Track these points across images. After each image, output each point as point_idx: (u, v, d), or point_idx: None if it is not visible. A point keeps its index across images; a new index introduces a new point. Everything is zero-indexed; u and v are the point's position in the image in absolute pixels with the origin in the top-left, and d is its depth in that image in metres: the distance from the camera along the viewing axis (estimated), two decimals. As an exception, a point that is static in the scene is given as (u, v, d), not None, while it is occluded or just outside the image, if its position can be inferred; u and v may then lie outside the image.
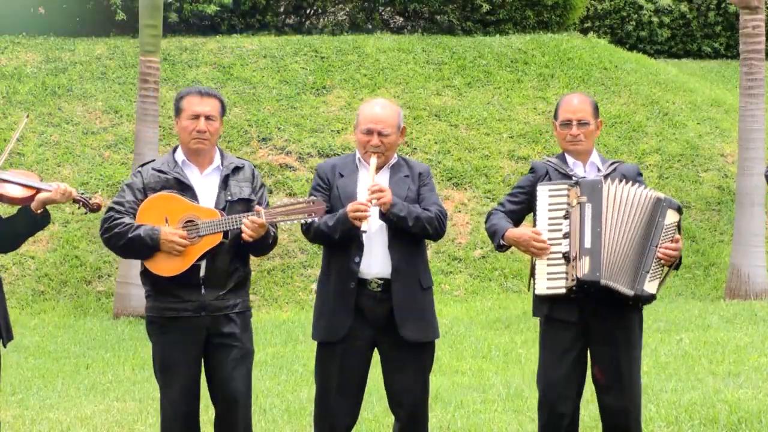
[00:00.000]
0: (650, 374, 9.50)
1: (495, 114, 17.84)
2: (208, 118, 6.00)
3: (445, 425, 7.70)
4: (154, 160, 6.19)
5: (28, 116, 6.95)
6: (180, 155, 6.10)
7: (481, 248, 15.42)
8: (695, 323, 12.57)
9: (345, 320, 6.19)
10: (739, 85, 15.70)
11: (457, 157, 16.89)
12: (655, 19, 24.74)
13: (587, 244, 5.89)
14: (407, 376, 6.32)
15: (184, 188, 5.98)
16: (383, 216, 6.12)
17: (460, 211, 15.91)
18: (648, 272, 5.89)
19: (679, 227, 6.01)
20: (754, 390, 8.68)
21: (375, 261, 6.20)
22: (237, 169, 6.13)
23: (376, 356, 6.30)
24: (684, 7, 24.87)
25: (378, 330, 6.23)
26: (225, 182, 6.06)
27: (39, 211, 6.00)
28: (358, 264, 6.16)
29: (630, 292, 5.87)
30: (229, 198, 6.02)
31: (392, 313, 6.17)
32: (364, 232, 6.06)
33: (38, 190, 5.97)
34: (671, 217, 5.96)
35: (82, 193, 6.15)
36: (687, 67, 23.33)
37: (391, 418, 6.56)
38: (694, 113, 18.84)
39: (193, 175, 6.04)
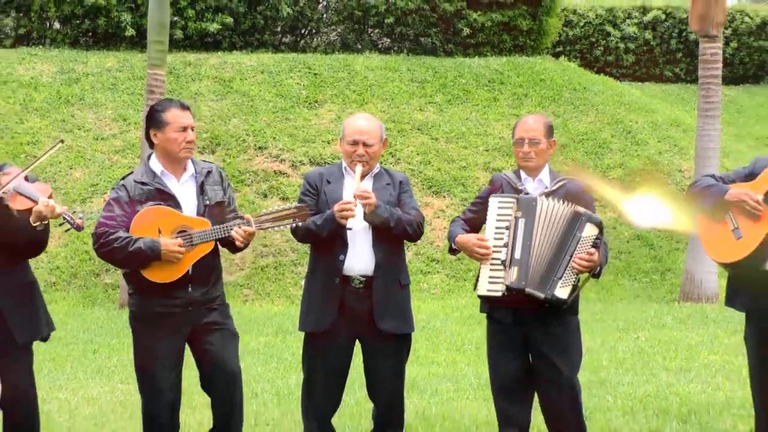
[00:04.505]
0: (609, 369, 9.56)
1: (472, 129, 17.89)
2: (192, 129, 6.01)
3: (421, 411, 7.73)
4: (132, 172, 6.10)
5: (63, 142, 6.51)
6: (157, 165, 6.03)
7: (456, 252, 15.44)
8: (651, 323, 12.64)
9: (330, 312, 6.25)
10: (697, 107, 15.74)
11: (437, 168, 16.93)
12: (621, 45, 24.84)
13: (517, 255, 5.98)
14: (385, 365, 6.41)
15: (166, 197, 5.94)
16: (366, 217, 6.20)
17: (438, 217, 15.95)
18: (560, 279, 5.96)
19: (598, 240, 6.05)
20: (703, 385, 8.76)
21: (358, 259, 6.26)
22: (208, 174, 6.14)
23: (357, 347, 6.36)
24: (648, 35, 24.97)
25: (359, 324, 6.28)
26: (202, 188, 6.05)
27: (35, 224, 5.70)
28: (343, 262, 6.23)
29: (542, 296, 5.93)
30: (207, 202, 6.02)
31: (373, 308, 6.25)
32: (350, 229, 6.12)
33: (35, 203, 5.67)
34: (589, 230, 6.01)
35: (74, 212, 5.84)
36: (649, 90, 23.44)
37: (371, 404, 6.63)
38: (655, 132, 18.93)
39: (171, 184, 6.00)
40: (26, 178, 5.81)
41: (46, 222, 5.73)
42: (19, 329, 5.85)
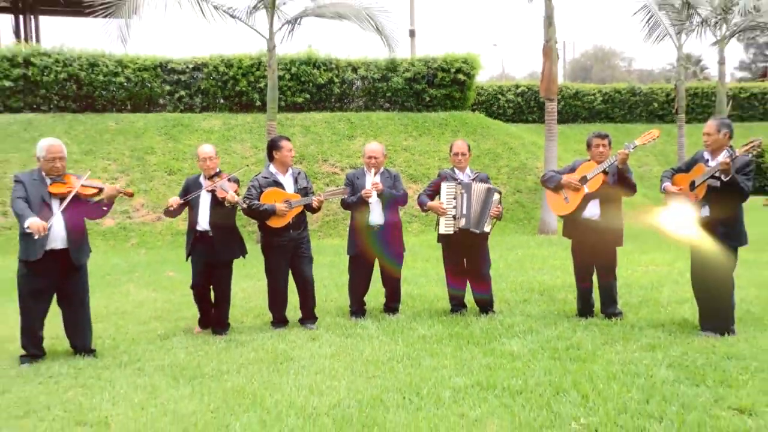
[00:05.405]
0: (504, 269, 9.51)
1: (432, 149, 17.76)
2: (292, 150, 6.04)
3: (409, 292, 7.70)
4: (259, 173, 6.09)
5: (237, 177, 5.99)
6: (273, 169, 6.03)
7: (427, 211, 15.41)
8: (524, 246, 12.55)
9: (362, 245, 6.23)
10: (544, 136, 15.66)
11: (414, 169, 16.83)
12: (506, 104, 24.65)
13: (464, 211, 6.03)
14: (391, 269, 6.39)
15: (278, 184, 5.95)
16: (378, 196, 6.15)
17: (416, 193, 15.86)
18: (486, 222, 6.01)
19: (500, 200, 6.07)
20: (551, 276, 8.72)
21: (376, 217, 6.25)
22: (299, 173, 6.12)
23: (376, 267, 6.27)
24: (519, 99, 24.78)
25: (377, 250, 6.27)
26: (295, 180, 6.04)
27: (227, 205, 5.73)
28: (368, 218, 6.19)
29: (477, 231, 5.99)
30: (298, 187, 6.01)
31: (384, 241, 6.21)
32: (370, 203, 6.12)
33: (226, 194, 5.69)
34: (496, 197, 6.09)
35: (243, 200, 5.87)
36: (521, 127, 23.17)
37: (384, 289, 6.59)
38: (524, 148, 18.77)
39: (280, 178, 6.00)
40: (228, 179, 5.82)
41: (231, 205, 5.72)
42: (221, 253, 5.84)
